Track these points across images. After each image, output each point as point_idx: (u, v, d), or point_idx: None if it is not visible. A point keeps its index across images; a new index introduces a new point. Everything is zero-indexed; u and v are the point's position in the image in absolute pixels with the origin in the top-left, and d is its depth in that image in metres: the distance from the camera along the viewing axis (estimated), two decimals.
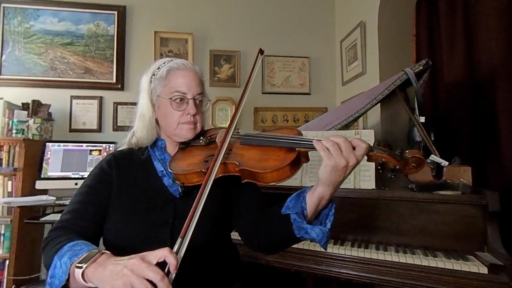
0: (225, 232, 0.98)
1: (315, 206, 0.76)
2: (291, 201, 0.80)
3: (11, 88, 2.59)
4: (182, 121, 0.92)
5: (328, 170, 0.70)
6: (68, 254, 0.68)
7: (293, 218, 0.77)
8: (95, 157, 2.43)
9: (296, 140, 0.77)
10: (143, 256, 0.61)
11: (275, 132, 0.87)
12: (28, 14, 2.67)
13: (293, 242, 0.83)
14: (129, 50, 2.82)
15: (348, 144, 0.70)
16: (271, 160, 0.77)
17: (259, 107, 2.95)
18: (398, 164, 0.71)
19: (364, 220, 1.42)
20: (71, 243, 0.71)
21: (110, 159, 0.95)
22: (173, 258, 0.60)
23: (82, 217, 0.84)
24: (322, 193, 0.74)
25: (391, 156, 0.71)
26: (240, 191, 0.95)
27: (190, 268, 0.82)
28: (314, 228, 0.76)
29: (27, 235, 2.20)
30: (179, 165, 0.89)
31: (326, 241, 0.78)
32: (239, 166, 0.79)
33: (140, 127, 0.96)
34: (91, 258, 0.64)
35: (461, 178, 1.33)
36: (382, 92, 1.61)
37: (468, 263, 1.15)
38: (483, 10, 1.71)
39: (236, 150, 0.86)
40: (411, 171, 0.72)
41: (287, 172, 0.75)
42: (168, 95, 0.92)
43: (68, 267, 0.65)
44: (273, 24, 3.03)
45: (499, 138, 1.58)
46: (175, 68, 0.94)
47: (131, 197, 0.89)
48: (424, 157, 0.71)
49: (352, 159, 0.69)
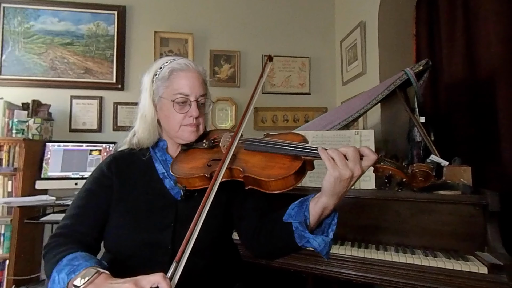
0: (226, 235, 0.97)
1: (318, 216, 0.75)
2: (293, 209, 0.79)
3: (11, 88, 2.59)
4: (185, 123, 0.91)
5: (332, 181, 0.69)
6: (66, 270, 0.67)
7: (295, 226, 0.77)
8: (95, 157, 2.43)
9: (302, 148, 0.76)
10: (137, 280, 0.60)
11: (280, 137, 0.85)
12: (28, 14, 2.67)
13: (293, 250, 0.83)
14: (129, 50, 2.82)
15: (357, 155, 0.68)
16: (276, 168, 0.76)
17: (259, 107, 2.95)
18: (406, 178, 0.69)
19: (364, 220, 1.42)
20: (70, 256, 0.71)
21: (111, 162, 0.94)
22: (166, 285, 0.59)
23: (82, 223, 0.84)
24: (326, 203, 0.73)
25: (399, 169, 0.69)
26: (243, 196, 0.93)
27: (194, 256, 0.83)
28: (316, 238, 0.75)
29: (27, 235, 2.20)
30: (182, 169, 0.88)
31: (327, 251, 0.77)
32: (243, 172, 0.78)
33: (141, 128, 0.95)
34: (88, 277, 0.64)
35: (461, 178, 1.32)
36: (382, 92, 1.61)
37: (468, 263, 1.15)
38: (483, 10, 1.70)
39: (240, 155, 0.84)
40: (419, 185, 0.70)
41: (292, 181, 0.74)
42: (170, 96, 0.90)
43: (66, 284, 0.65)
44: (273, 24, 3.03)
45: (499, 138, 1.57)
46: (178, 69, 0.92)
47: (132, 201, 0.88)
48: (432, 171, 0.69)
49: (358, 170, 0.68)
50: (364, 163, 0.69)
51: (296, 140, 0.81)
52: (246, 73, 2.98)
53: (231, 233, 0.99)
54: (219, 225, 0.92)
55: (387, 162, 0.70)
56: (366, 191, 1.42)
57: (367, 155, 0.69)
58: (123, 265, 0.62)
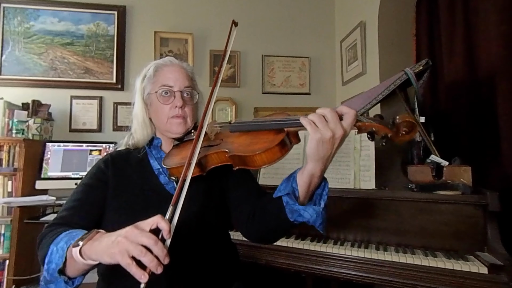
0: (223, 230, 0.98)
1: (306, 185, 0.73)
2: (282, 184, 0.79)
3: (11, 88, 2.59)
4: (171, 115, 0.93)
5: (314, 144, 0.68)
6: (65, 239, 0.68)
7: (285, 201, 0.76)
8: (95, 157, 2.42)
9: (284, 120, 0.76)
10: (136, 224, 0.61)
11: (265, 118, 0.87)
12: (28, 14, 2.67)
13: (287, 227, 0.82)
14: (129, 50, 2.82)
15: (334, 114, 0.68)
16: (260, 143, 0.76)
17: (259, 107, 2.95)
18: (390, 132, 0.68)
19: (364, 220, 1.42)
20: (67, 231, 0.72)
21: (107, 159, 0.96)
22: (165, 223, 0.60)
23: (79, 215, 0.85)
24: (312, 169, 0.72)
25: (382, 124, 0.68)
26: (236, 182, 0.95)
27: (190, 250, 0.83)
28: (307, 208, 0.74)
29: (27, 235, 2.20)
30: (172, 160, 0.89)
31: (321, 221, 0.75)
32: (229, 153, 0.78)
33: (136, 128, 0.98)
34: (88, 235, 0.65)
35: (461, 178, 1.32)
36: (382, 92, 1.61)
37: (468, 263, 1.15)
38: (483, 10, 1.71)
39: (226, 138, 0.86)
40: (404, 138, 0.68)
41: (277, 153, 0.73)
42: (155, 89, 0.94)
43: (65, 251, 0.66)
44: (273, 24, 3.03)
45: (499, 138, 1.58)
46: (162, 64, 0.97)
47: (128, 197, 0.89)
48: (415, 120, 0.67)
49: (339, 130, 0.67)
50: (346, 121, 0.68)
51: (280, 116, 0.82)
52: (246, 73, 2.98)
53: (228, 228, 1.00)
54: (212, 216, 0.92)
55: (369, 120, 0.70)
56: (366, 191, 1.42)
57: (346, 112, 0.69)
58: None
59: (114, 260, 0.58)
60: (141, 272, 0.56)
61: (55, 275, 0.67)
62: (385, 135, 0.68)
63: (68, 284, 0.68)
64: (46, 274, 0.69)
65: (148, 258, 0.56)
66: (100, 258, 0.60)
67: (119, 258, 0.57)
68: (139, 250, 0.56)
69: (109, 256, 0.58)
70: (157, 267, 0.56)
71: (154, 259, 0.56)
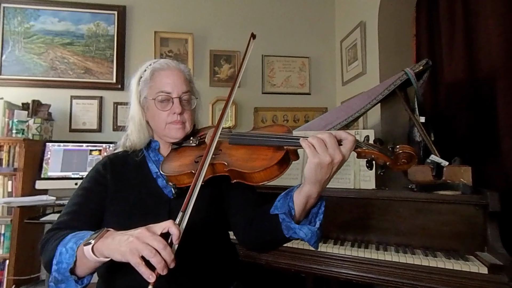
0: (222, 231, 0.98)
1: (302, 205, 0.74)
2: (279, 201, 0.80)
3: (11, 88, 2.59)
4: (169, 121, 0.93)
5: (313, 168, 0.68)
6: (73, 240, 0.70)
7: (282, 218, 0.76)
8: (95, 157, 2.43)
9: (284, 138, 0.76)
10: (148, 227, 0.63)
11: (264, 130, 0.87)
12: (28, 14, 2.67)
13: (283, 241, 0.83)
14: (129, 50, 2.82)
15: (333, 140, 0.68)
16: (259, 160, 0.76)
17: (259, 107, 2.95)
18: (389, 161, 0.68)
19: (364, 220, 1.42)
20: (73, 233, 0.73)
21: (106, 162, 0.96)
22: (176, 229, 0.62)
23: (78, 219, 0.85)
24: (309, 191, 0.72)
25: (381, 152, 0.68)
26: (232, 190, 0.95)
27: (191, 251, 0.83)
28: (302, 228, 0.75)
29: (27, 235, 2.20)
30: (170, 167, 0.89)
31: (315, 240, 0.76)
32: (228, 166, 0.79)
33: (132, 130, 0.97)
34: (98, 233, 0.66)
35: (461, 178, 1.32)
36: (382, 92, 1.61)
37: (468, 263, 1.15)
38: (483, 10, 1.71)
39: (225, 150, 0.85)
40: (402, 167, 0.68)
41: (276, 171, 0.74)
42: (153, 96, 0.93)
43: (75, 250, 0.67)
44: (273, 24, 3.03)
45: (499, 137, 1.57)
46: (159, 68, 0.95)
47: (126, 200, 0.89)
48: (415, 152, 0.67)
49: (338, 156, 0.67)
50: (345, 147, 0.68)
51: (280, 131, 0.82)
52: (246, 73, 2.98)
53: (227, 230, 1.00)
54: (214, 221, 0.93)
55: (369, 146, 0.69)
56: (366, 191, 1.42)
57: (345, 138, 0.69)
58: (119, 263, 0.62)
59: (125, 258, 0.59)
60: (149, 272, 0.58)
61: (66, 274, 0.68)
62: (384, 163, 0.69)
63: (78, 283, 0.69)
64: (57, 275, 0.69)
65: (157, 259, 0.58)
66: (112, 254, 0.62)
67: (130, 256, 0.58)
68: (150, 251, 0.58)
69: (120, 254, 0.60)
70: (164, 269, 0.58)
71: (162, 261, 0.58)
